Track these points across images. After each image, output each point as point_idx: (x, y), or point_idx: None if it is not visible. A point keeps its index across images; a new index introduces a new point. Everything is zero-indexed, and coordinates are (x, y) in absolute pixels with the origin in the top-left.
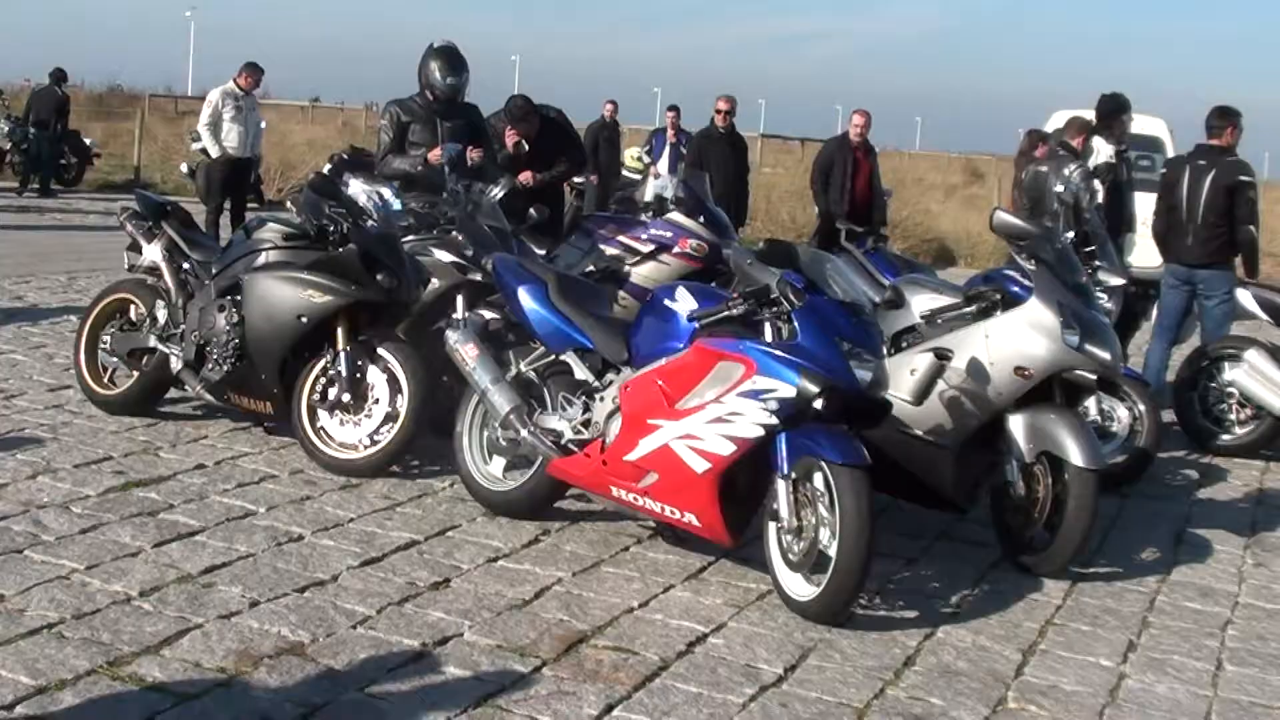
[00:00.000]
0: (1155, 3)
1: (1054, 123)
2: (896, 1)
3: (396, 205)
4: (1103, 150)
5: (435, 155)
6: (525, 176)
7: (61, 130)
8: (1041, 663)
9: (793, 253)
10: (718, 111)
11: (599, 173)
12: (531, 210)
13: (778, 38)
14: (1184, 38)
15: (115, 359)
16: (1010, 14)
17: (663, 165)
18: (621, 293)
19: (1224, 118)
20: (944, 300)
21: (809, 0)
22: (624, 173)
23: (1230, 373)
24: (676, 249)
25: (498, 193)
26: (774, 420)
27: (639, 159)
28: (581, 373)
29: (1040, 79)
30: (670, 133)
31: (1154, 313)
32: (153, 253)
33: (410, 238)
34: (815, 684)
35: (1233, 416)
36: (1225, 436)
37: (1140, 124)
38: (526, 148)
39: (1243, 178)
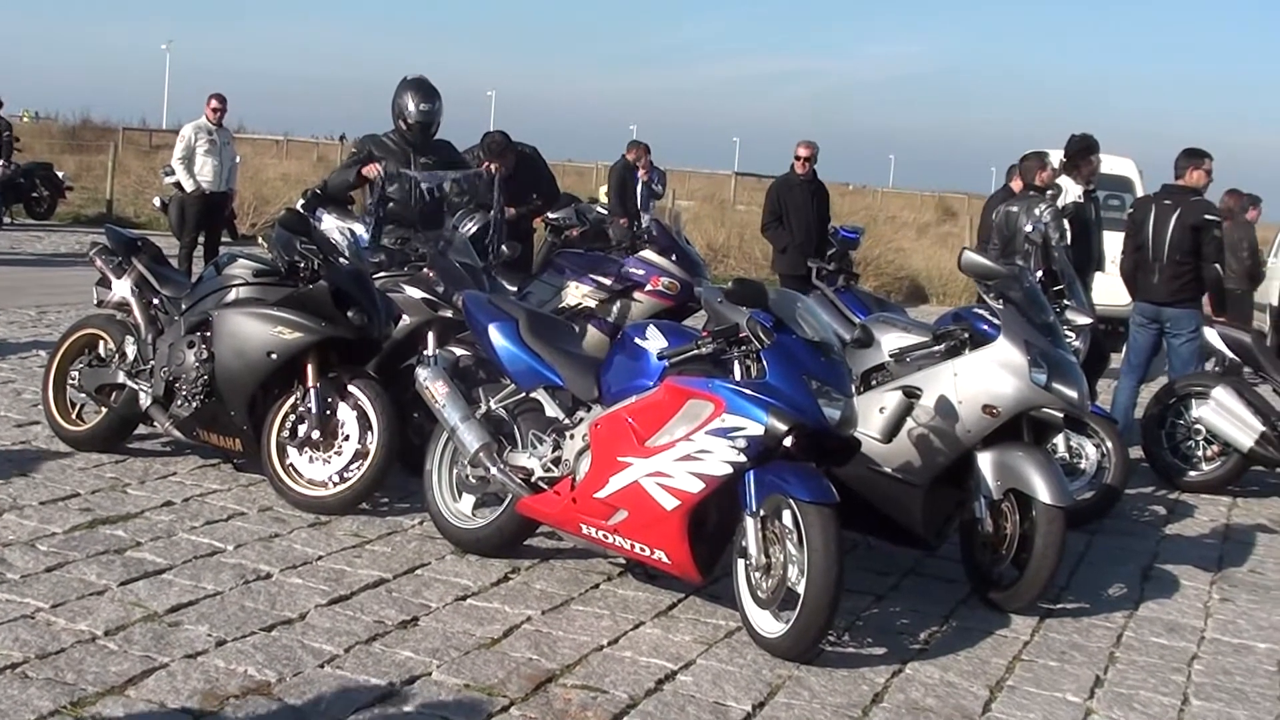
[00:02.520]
0: (1130, 45)
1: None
2: (870, 43)
3: (366, 240)
4: (1071, 190)
5: (371, 170)
6: None
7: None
8: (1009, 699)
9: (762, 291)
10: (798, 158)
11: (624, 215)
12: (504, 247)
13: (753, 77)
14: (1159, 80)
15: (84, 395)
16: (984, 55)
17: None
18: (590, 326)
19: (1191, 158)
20: (913, 339)
21: (785, 40)
22: (598, 209)
23: (1198, 410)
24: (648, 287)
25: (472, 228)
26: (743, 458)
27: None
28: (552, 410)
29: (1013, 119)
30: (642, 171)
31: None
32: (122, 288)
33: (381, 274)
34: None
35: (1200, 453)
36: (1193, 473)
37: (1110, 164)
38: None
39: (1208, 217)
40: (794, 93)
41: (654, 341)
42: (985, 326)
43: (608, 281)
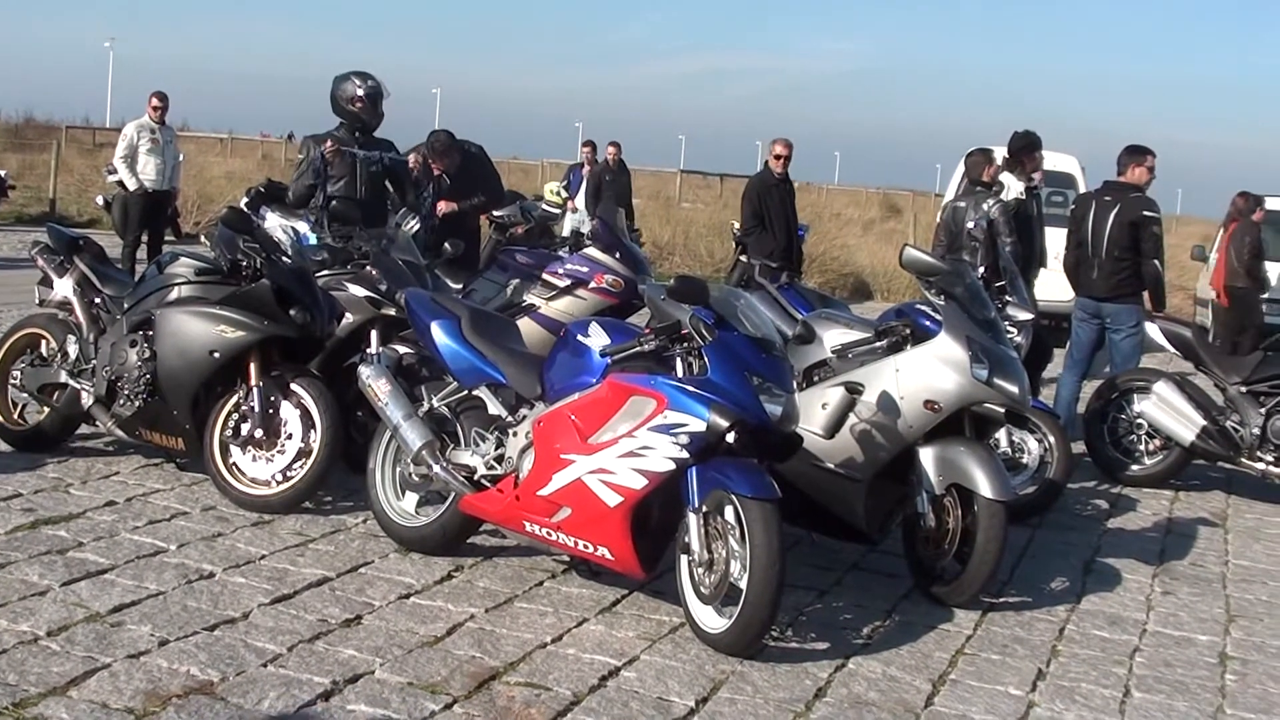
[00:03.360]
0: (1074, 42)
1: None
2: (813, 39)
3: (311, 240)
4: (1013, 186)
5: (329, 147)
6: (442, 207)
7: None
8: (952, 692)
9: (704, 289)
10: (777, 157)
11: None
12: (446, 244)
13: (698, 74)
14: (1103, 77)
15: (26, 395)
16: (930, 52)
17: (580, 200)
18: (534, 323)
19: (1133, 155)
20: (855, 335)
21: (729, 38)
22: (544, 207)
23: (1139, 404)
24: (592, 284)
25: (414, 226)
26: (685, 454)
27: (557, 193)
28: (495, 408)
29: (957, 115)
30: (586, 167)
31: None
32: (64, 287)
33: (324, 272)
34: (727, 716)
35: (1142, 447)
36: (1135, 467)
37: (1053, 161)
38: (447, 180)
39: (1146, 213)
40: (738, 90)
41: (597, 339)
42: (927, 322)
43: (552, 279)
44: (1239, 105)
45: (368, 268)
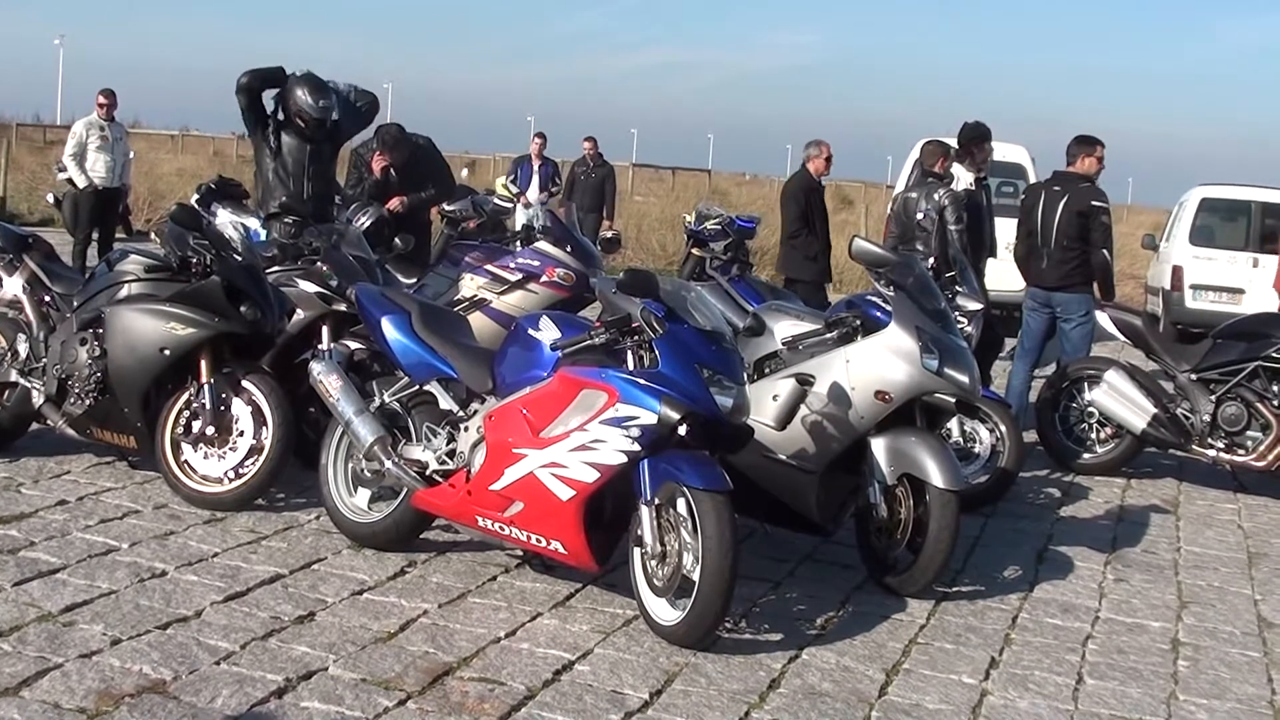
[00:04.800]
0: (1022, 35)
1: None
2: (763, 32)
3: (261, 236)
4: (963, 177)
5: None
6: (393, 203)
7: None
8: (905, 682)
9: (653, 281)
10: (824, 159)
11: (583, 209)
12: (397, 239)
13: (648, 67)
14: (1051, 68)
15: None
16: (880, 45)
17: (532, 193)
18: (485, 317)
19: (1081, 145)
20: (805, 326)
21: (680, 31)
22: (496, 201)
23: (1091, 393)
24: (544, 278)
25: (365, 222)
26: (636, 447)
27: (507, 187)
28: (446, 403)
29: (908, 107)
30: (535, 160)
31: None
32: (13, 286)
33: (275, 268)
34: (681, 709)
35: (1094, 436)
36: (1087, 455)
37: (1003, 152)
38: (395, 175)
39: (1095, 203)
40: (689, 83)
41: (547, 332)
42: (877, 313)
43: (503, 273)
44: (1189, 96)
45: (318, 263)
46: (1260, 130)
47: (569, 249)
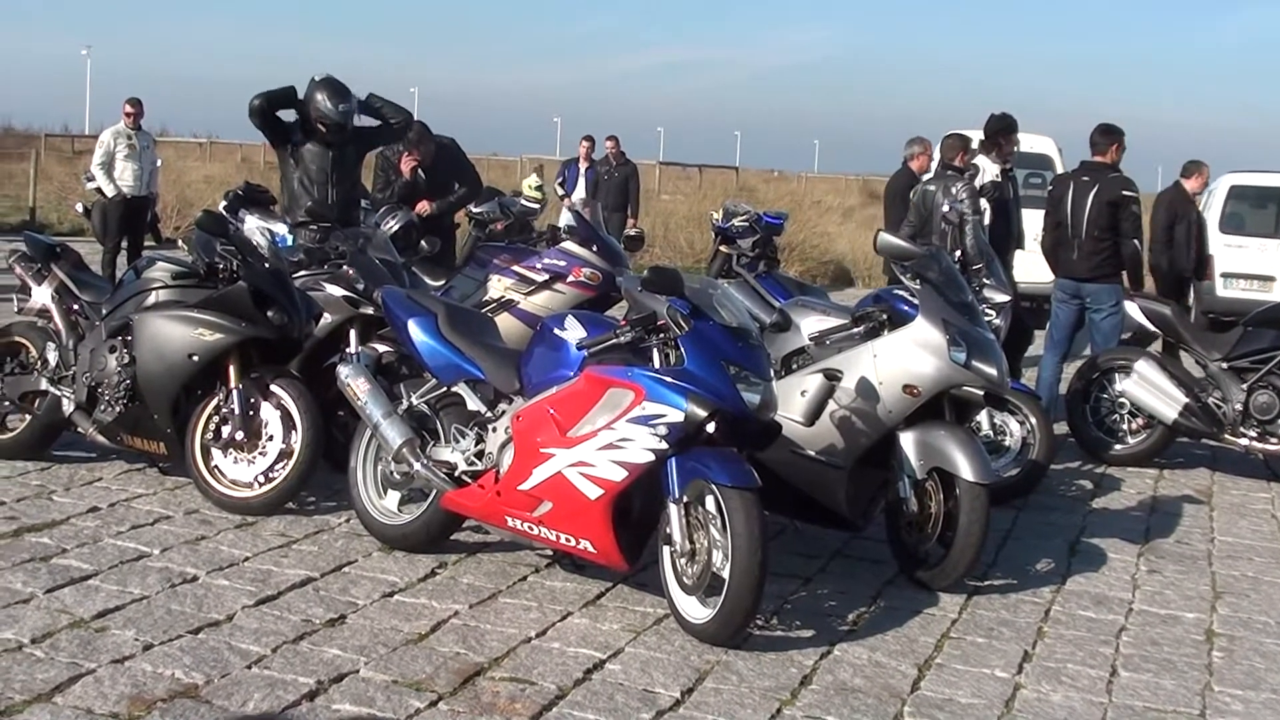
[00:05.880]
0: (1048, 25)
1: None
2: (786, 31)
3: (288, 241)
4: (988, 169)
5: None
6: (422, 206)
7: None
8: (938, 676)
9: (678, 279)
10: (929, 156)
11: (608, 209)
12: (423, 242)
13: (672, 65)
14: (1078, 58)
15: (6, 402)
16: (905, 39)
17: (578, 195)
18: (511, 318)
19: (1107, 135)
20: (832, 321)
21: (700, 31)
22: (522, 202)
23: (1121, 383)
24: (570, 278)
25: (394, 226)
26: (664, 445)
27: (538, 188)
28: (474, 404)
29: (935, 100)
30: (584, 163)
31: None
32: (42, 295)
33: (301, 273)
34: (712, 706)
35: (1125, 426)
36: (1118, 446)
37: (1030, 143)
38: (424, 176)
39: (1125, 192)
40: (714, 80)
41: (573, 332)
42: (904, 307)
43: (530, 274)
44: (1217, 83)
45: (345, 267)
46: None
47: (595, 248)
